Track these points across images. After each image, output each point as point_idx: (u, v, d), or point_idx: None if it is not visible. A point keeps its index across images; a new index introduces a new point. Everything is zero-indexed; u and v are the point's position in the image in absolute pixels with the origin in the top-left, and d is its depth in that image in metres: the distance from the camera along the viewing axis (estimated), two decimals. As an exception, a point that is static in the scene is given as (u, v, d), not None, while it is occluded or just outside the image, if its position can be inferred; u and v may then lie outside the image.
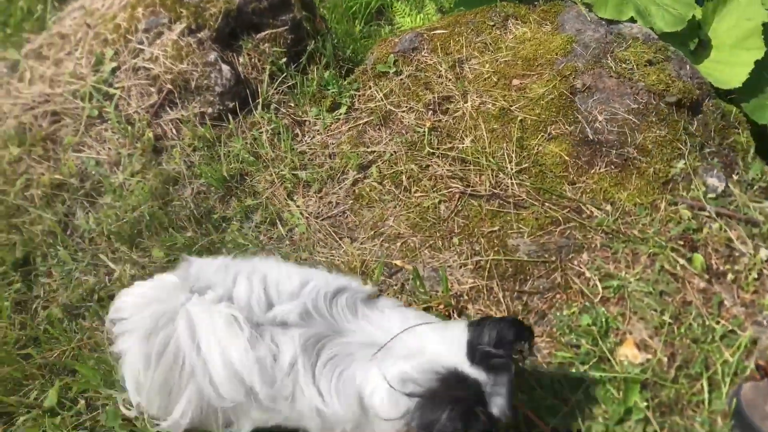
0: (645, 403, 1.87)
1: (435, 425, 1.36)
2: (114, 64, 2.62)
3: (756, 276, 2.09)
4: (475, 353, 1.45)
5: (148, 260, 2.32)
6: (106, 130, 2.58)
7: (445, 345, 1.50)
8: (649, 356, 1.96)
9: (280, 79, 2.77)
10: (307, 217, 2.42)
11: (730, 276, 2.10)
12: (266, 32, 2.82)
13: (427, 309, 2.11)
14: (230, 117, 2.64)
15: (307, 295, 1.58)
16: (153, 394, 1.58)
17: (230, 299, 1.54)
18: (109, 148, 2.55)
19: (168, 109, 2.62)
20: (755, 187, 2.29)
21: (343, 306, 1.60)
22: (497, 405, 1.43)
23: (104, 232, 2.36)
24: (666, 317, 2.01)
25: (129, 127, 2.55)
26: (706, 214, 2.22)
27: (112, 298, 2.19)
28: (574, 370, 1.96)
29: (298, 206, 2.46)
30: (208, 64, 2.64)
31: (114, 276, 2.26)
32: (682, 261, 2.12)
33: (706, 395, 1.87)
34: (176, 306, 1.53)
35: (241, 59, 2.78)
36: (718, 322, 2.01)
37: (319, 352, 1.52)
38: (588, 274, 2.15)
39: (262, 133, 2.63)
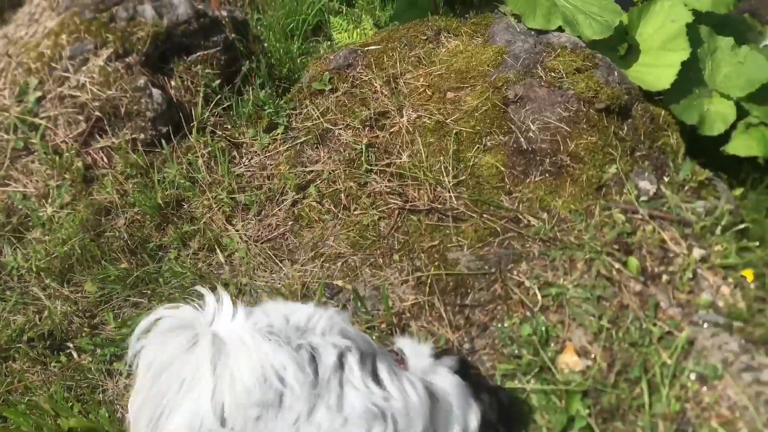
0: (587, 411, 1.87)
1: None
2: (39, 94, 2.55)
3: (690, 276, 2.13)
4: None
5: (80, 296, 2.25)
6: (32, 161, 2.51)
7: None
8: (589, 363, 1.97)
9: (214, 101, 2.73)
10: (246, 241, 2.38)
11: (665, 277, 2.13)
12: (198, 54, 2.78)
13: (369, 328, 2.09)
14: (164, 142, 2.59)
15: (331, 317, 1.51)
16: (144, 404, 1.50)
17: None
18: (37, 181, 2.47)
19: (97, 137, 2.56)
20: (686, 188, 2.33)
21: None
22: None
23: (33, 269, 2.28)
24: (604, 322, 2.03)
25: (57, 158, 2.48)
26: (639, 217, 2.25)
27: (42, 338, 2.14)
28: (516, 382, 1.96)
29: (237, 230, 2.42)
30: (138, 89, 2.59)
31: (44, 314, 2.19)
32: (617, 265, 2.14)
33: (647, 399, 1.89)
34: (198, 327, 1.42)
35: (173, 82, 2.73)
36: (655, 324, 2.03)
37: (374, 358, 1.47)
38: (527, 284, 2.16)
39: (197, 157, 2.58)
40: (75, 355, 2.12)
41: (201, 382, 1.39)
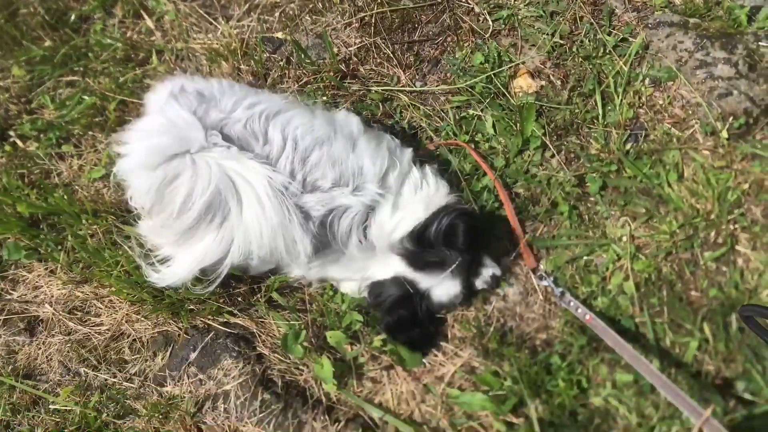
0: (541, 130, 1.86)
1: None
2: None
3: (648, -23, 1.99)
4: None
5: (10, 81, 2.12)
6: None
7: None
8: (543, 83, 1.92)
9: None
10: (174, 1, 2.20)
11: (621, -17, 2.00)
12: None
13: (316, 78, 2.00)
14: None
15: None
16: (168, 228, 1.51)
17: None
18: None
19: None
20: None
21: None
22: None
23: (-51, 58, 2.13)
24: (557, 39, 1.94)
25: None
26: None
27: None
28: (471, 111, 1.92)
29: (161, -9, 2.22)
30: None
31: (-26, 104, 2.08)
32: (571, -25, 2.00)
33: (600, 110, 1.86)
34: (191, 146, 1.44)
35: None
36: (609, 33, 1.95)
37: None
38: (477, 9, 2.04)
39: None
40: (19, 142, 2.05)
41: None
